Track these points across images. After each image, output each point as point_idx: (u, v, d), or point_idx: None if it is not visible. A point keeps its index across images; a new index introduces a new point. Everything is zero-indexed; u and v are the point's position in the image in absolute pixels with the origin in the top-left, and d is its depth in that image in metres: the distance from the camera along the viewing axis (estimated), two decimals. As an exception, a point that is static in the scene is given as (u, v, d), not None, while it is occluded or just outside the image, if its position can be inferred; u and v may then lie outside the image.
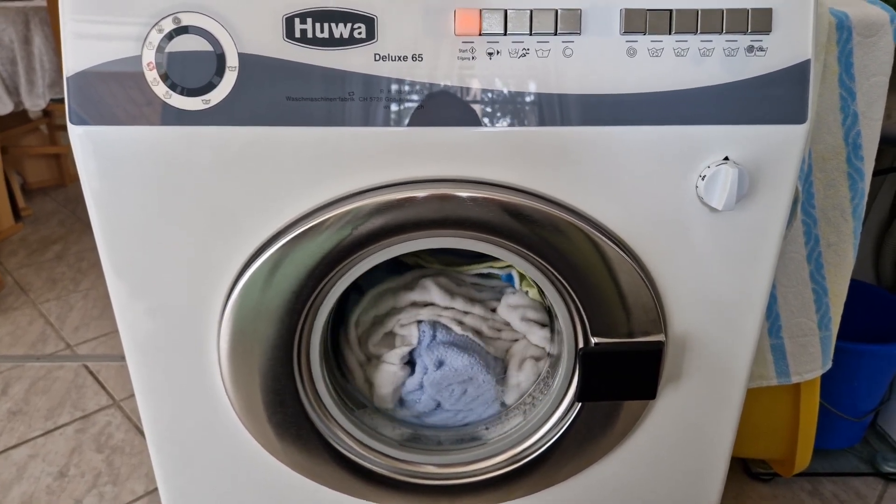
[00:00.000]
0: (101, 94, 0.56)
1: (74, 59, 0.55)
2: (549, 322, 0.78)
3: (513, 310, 0.77)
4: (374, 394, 0.77)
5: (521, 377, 0.77)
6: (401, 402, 0.79)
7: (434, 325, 0.76)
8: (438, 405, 0.78)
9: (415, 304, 0.78)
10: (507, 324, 0.79)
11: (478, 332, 0.78)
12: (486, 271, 0.80)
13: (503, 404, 0.79)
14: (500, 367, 0.78)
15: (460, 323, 0.77)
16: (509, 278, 0.80)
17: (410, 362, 0.78)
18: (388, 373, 0.75)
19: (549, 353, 0.78)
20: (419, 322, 0.77)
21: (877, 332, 1.17)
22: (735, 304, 0.68)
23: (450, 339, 0.75)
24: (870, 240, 1.28)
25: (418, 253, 0.83)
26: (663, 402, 0.73)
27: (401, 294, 0.77)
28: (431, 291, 0.76)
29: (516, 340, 0.80)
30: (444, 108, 0.58)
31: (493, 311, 0.79)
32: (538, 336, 0.76)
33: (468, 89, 0.57)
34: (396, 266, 0.82)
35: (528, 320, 0.77)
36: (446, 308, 0.77)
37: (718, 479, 0.79)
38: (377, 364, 0.77)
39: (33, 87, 2.03)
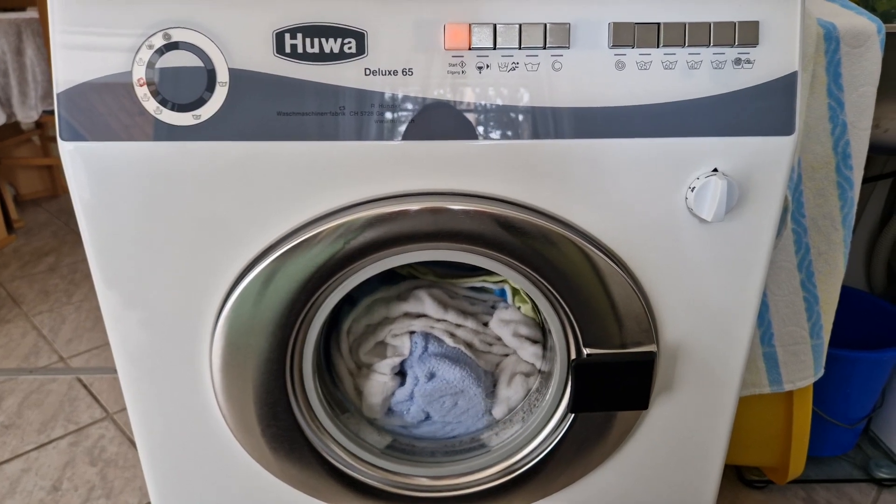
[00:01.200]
0: (91, 109, 0.56)
1: (64, 74, 0.55)
2: (542, 339, 0.78)
3: (505, 325, 0.77)
4: (364, 402, 0.77)
5: (511, 392, 0.77)
6: (389, 411, 0.78)
7: (426, 336, 0.76)
8: (427, 416, 0.78)
9: (407, 315, 0.78)
10: (499, 338, 0.79)
11: (469, 346, 0.78)
12: (479, 285, 0.80)
13: (491, 417, 0.79)
14: (489, 381, 0.78)
15: (452, 335, 0.77)
16: (502, 293, 0.80)
17: (401, 372, 0.78)
18: (379, 383, 0.75)
19: (539, 370, 0.78)
20: (411, 333, 0.77)
21: (868, 338, 1.17)
22: (726, 313, 0.68)
23: (442, 351, 0.75)
24: (861, 247, 1.28)
25: (412, 264, 0.83)
26: (656, 412, 0.73)
27: (393, 304, 0.77)
28: (425, 303, 0.76)
29: (507, 355, 0.80)
30: (435, 121, 0.58)
31: (485, 325, 0.79)
32: (529, 352, 0.76)
33: (458, 103, 0.58)
34: (390, 275, 0.82)
35: (520, 336, 0.77)
36: (439, 320, 0.77)
37: (712, 487, 0.79)
38: (367, 373, 0.77)
39: (26, 99, 2.03)
